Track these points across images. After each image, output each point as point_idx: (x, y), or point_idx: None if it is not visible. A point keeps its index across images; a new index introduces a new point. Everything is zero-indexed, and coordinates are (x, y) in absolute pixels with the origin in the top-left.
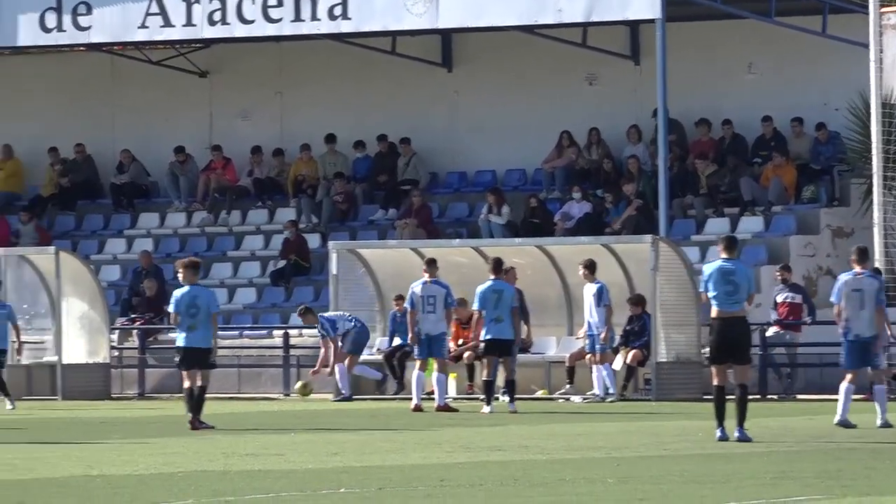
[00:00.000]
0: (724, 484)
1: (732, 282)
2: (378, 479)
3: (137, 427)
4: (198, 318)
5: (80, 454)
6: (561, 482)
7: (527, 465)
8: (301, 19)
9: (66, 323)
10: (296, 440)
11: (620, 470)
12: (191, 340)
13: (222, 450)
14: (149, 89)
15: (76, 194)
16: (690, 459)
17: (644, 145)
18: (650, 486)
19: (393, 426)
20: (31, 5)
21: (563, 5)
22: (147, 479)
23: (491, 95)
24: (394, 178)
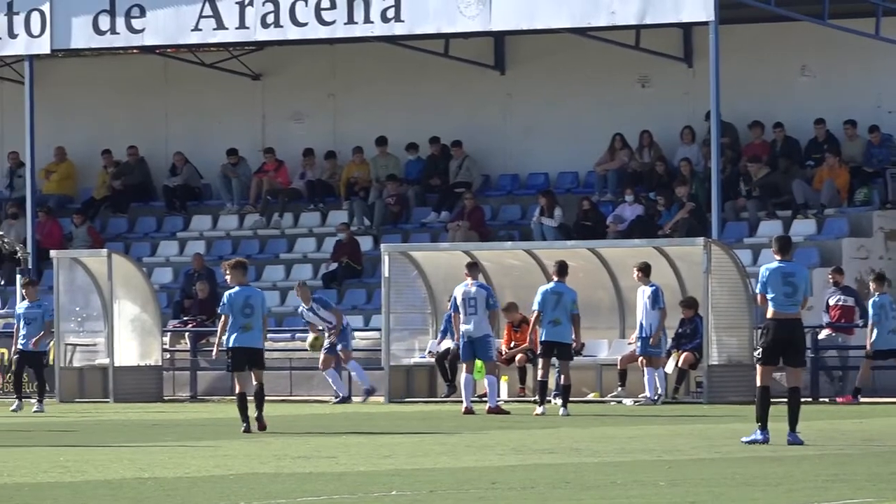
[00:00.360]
0: (775, 487)
1: (792, 283)
2: (429, 481)
3: (189, 429)
4: (252, 317)
5: (131, 457)
6: (612, 485)
7: (578, 468)
8: (354, 21)
9: (119, 325)
10: (347, 442)
11: (672, 473)
12: (244, 340)
13: (274, 452)
14: (202, 91)
15: (129, 197)
16: (742, 462)
17: (696, 147)
18: (702, 489)
19: (444, 429)
20: (84, 8)
21: (617, 7)
22: (199, 482)
23: (543, 98)
24: (446, 181)
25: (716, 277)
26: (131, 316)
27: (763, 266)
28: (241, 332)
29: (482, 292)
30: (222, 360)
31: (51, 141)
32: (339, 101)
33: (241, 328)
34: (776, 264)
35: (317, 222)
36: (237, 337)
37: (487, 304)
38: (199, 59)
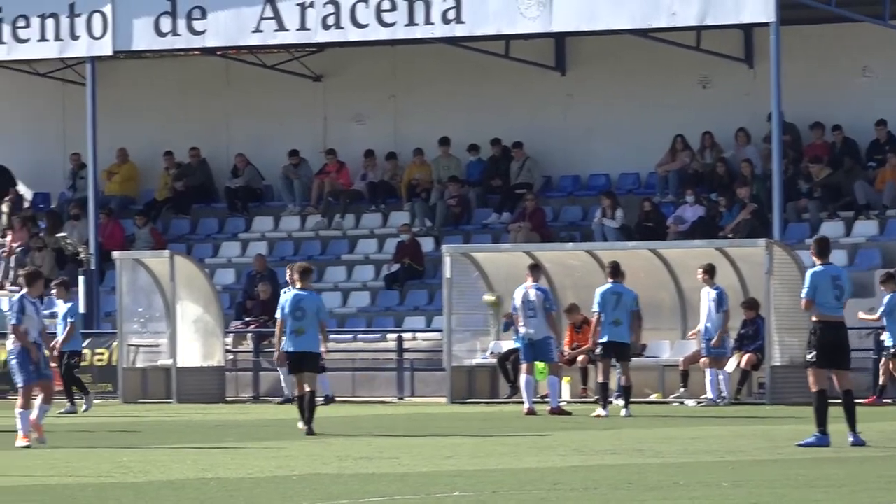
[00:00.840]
0: (838, 488)
1: (840, 286)
2: (491, 482)
3: (251, 430)
4: (304, 321)
5: (194, 457)
6: (675, 486)
7: (641, 469)
8: (415, 23)
9: (181, 326)
10: (409, 443)
11: (735, 474)
12: (298, 344)
13: (336, 453)
14: (263, 93)
15: (191, 198)
16: (804, 463)
17: (755, 148)
18: (764, 490)
19: (506, 430)
20: (146, 9)
21: (677, 9)
22: (261, 482)
23: (604, 99)
24: (507, 182)
25: (777, 278)
26: (194, 317)
27: (809, 270)
28: (295, 336)
29: (540, 295)
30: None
31: (113, 142)
32: (400, 102)
33: (293, 332)
34: (821, 267)
35: (378, 223)
36: (289, 341)
37: (545, 307)
38: (261, 60)
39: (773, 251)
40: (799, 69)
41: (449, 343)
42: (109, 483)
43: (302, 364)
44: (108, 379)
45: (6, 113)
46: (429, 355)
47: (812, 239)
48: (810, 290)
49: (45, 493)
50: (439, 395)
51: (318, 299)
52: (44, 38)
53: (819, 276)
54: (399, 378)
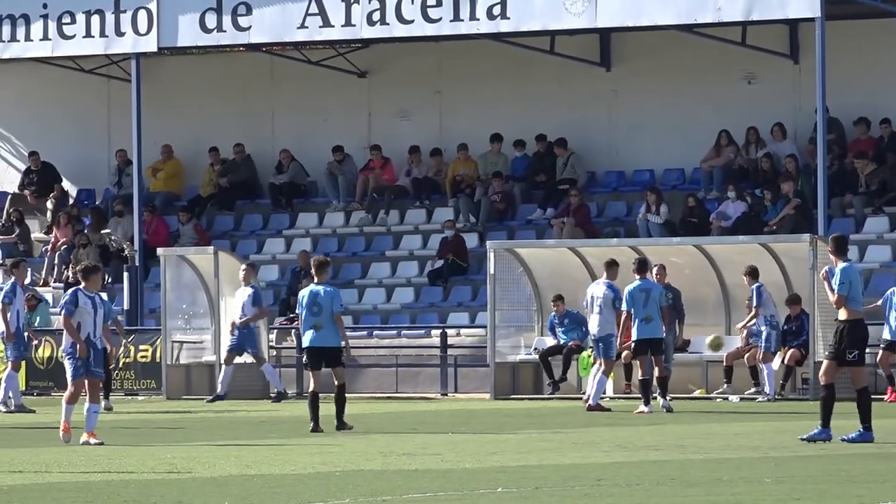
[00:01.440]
0: (881, 483)
1: (861, 283)
2: (535, 478)
3: (295, 426)
4: (321, 316)
5: (238, 454)
6: (718, 482)
7: (684, 465)
8: (460, 19)
9: (225, 323)
10: (453, 440)
11: (778, 469)
12: (316, 340)
13: (380, 449)
14: (308, 89)
15: (235, 194)
16: (847, 459)
17: (788, 144)
18: (807, 486)
19: (550, 426)
20: (191, 6)
21: (723, 4)
22: (305, 479)
23: (649, 94)
24: (552, 178)
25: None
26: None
27: (840, 267)
28: (314, 331)
29: (609, 293)
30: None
31: (158, 139)
32: (445, 98)
33: (312, 327)
34: (848, 264)
35: (423, 219)
36: (309, 337)
37: (614, 305)
38: (306, 56)
39: (817, 247)
40: (844, 64)
41: (493, 339)
42: (153, 480)
43: (323, 359)
44: (151, 375)
45: (51, 109)
46: (472, 351)
47: (830, 237)
48: (845, 287)
49: (87, 489)
50: (483, 391)
51: (335, 293)
52: (89, 34)
53: (852, 272)
54: (443, 374)
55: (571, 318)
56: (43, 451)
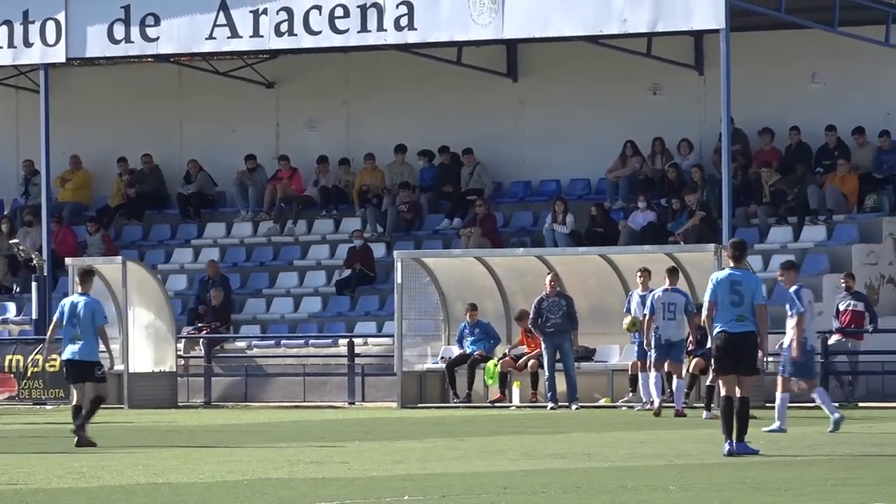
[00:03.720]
0: (784, 491)
1: (738, 292)
2: (441, 486)
3: (203, 435)
4: (79, 328)
5: (146, 462)
6: (623, 489)
7: (589, 473)
8: (367, 30)
9: (133, 332)
10: (360, 448)
11: (682, 477)
12: (72, 353)
13: (287, 458)
14: (216, 100)
15: (143, 204)
16: (751, 467)
17: (699, 154)
18: (712, 494)
19: (456, 434)
20: (99, 17)
21: (628, 15)
22: (213, 487)
23: (555, 105)
24: (459, 188)
25: None
26: (146, 323)
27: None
28: (71, 343)
29: (682, 298)
30: (230, 367)
31: (66, 149)
32: (353, 108)
33: (70, 339)
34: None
35: (330, 229)
36: (68, 350)
37: (686, 310)
38: (214, 67)
39: (722, 256)
40: (748, 75)
41: (400, 348)
42: (62, 488)
43: (79, 374)
44: (59, 385)
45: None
46: (380, 360)
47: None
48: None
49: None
50: (390, 399)
51: (96, 305)
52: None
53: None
54: (350, 383)
55: (482, 328)
56: None
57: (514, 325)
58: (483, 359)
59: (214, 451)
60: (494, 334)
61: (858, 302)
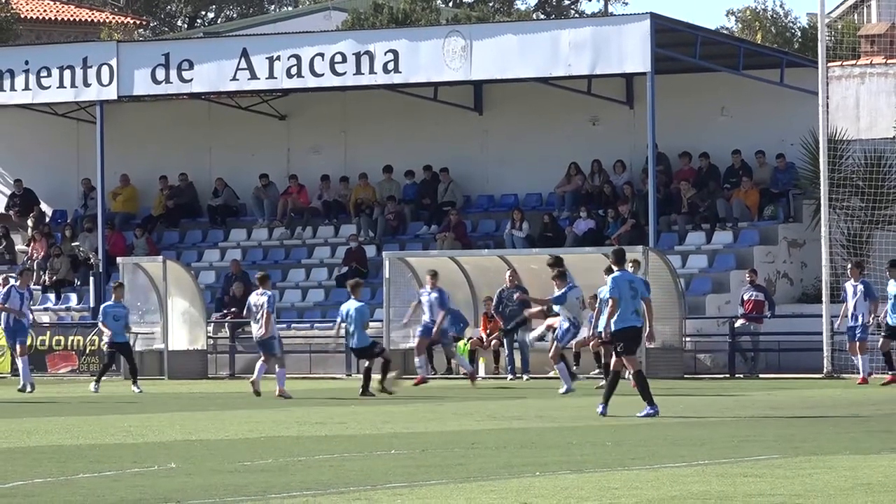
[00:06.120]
0: (700, 446)
1: (634, 288)
2: (421, 442)
3: (228, 401)
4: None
5: (182, 423)
6: (569, 445)
7: (542, 432)
8: (361, 73)
9: (172, 317)
10: (356, 411)
11: (616, 435)
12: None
13: (296, 419)
14: (238, 129)
15: (180, 214)
16: (673, 426)
17: (630, 173)
18: (640, 448)
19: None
20: (145, 62)
21: (572, 61)
22: (236, 443)
23: (513, 133)
24: (435, 200)
25: (652, 279)
26: (182, 310)
27: (612, 276)
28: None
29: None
30: (250, 345)
31: (117, 169)
32: (350, 136)
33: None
34: (619, 274)
35: (331, 234)
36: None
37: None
38: (236, 103)
39: (648, 256)
40: (670, 109)
41: (387, 330)
42: (113, 444)
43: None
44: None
45: (31, 145)
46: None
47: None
48: (615, 291)
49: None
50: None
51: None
52: (62, 85)
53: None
54: (347, 359)
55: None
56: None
57: (480, 309)
58: (456, 339)
59: (238, 414)
60: (464, 319)
61: (759, 293)
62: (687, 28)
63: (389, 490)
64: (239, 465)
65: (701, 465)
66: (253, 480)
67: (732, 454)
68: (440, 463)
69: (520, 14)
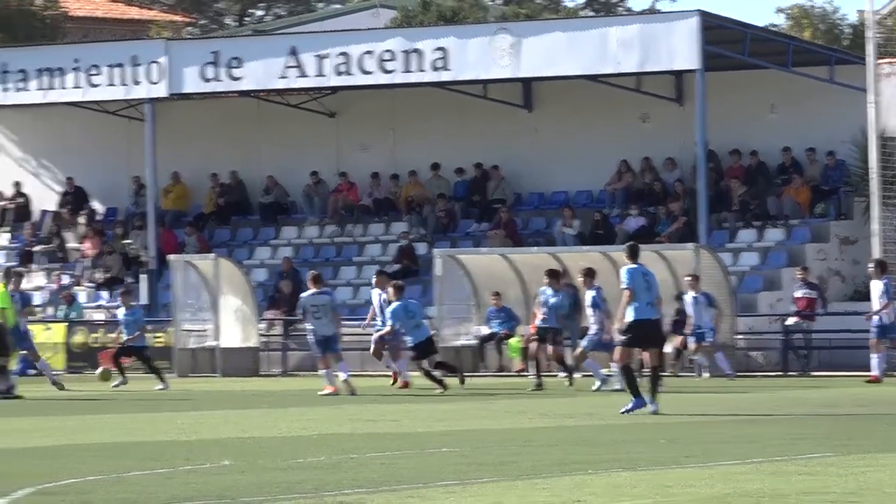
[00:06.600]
0: (753, 444)
1: (648, 281)
2: (474, 440)
3: (280, 398)
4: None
5: (235, 420)
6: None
7: (593, 430)
8: (410, 70)
9: (224, 315)
10: (408, 409)
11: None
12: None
13: (348, 416)
14: (288, 127)
15: (231, 211)
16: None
17: (680, 171)
18: (693, 446)
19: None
20: (194, 60)
21: (621, 58)
22: (288, 440)
23: (563, 130)
24: (486, 198)
25: (704, 275)
26: (234, 307)
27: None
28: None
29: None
30: (302, 342)
31: (168, 167)
32: (399, 134)
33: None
34: (635, 266)
35: (381, 232)
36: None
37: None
38: (286, 100)
39: (699, 253)
40: (720, 106)
41: (439, 327)
42: (166, 441)
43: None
44: (165, 357)
45: (83, 143)
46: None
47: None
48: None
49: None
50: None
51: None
52: (112, 83)
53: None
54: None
55: (506, 312)
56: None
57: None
58: (507, 336)
59: (289, 411)
60: (515, 317)
61: (812, 290)
62: (736, 25)
63: (442, 488)
64: (291, 462)
65: (754, 462)
66: (305, 478)
67: (786, 452)
68: (492, 461)
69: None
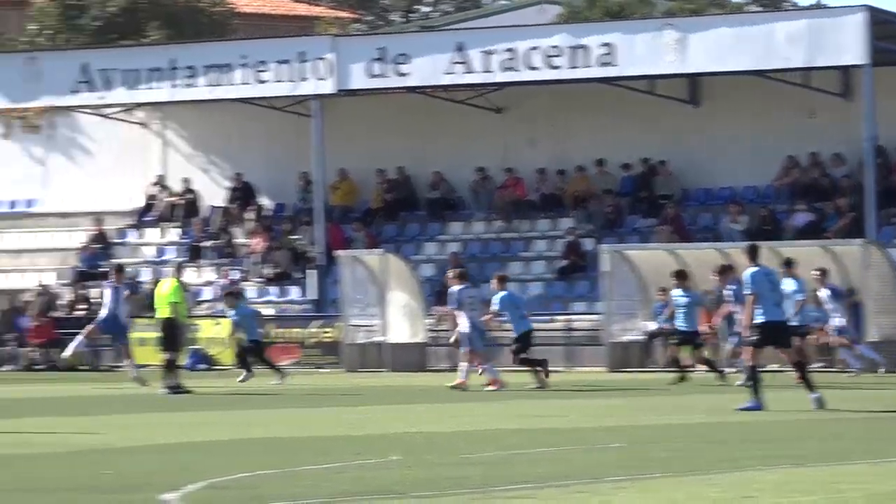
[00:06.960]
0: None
1: (773, 282)
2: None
3: (448, 394)
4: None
5: (403, 415)
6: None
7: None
8: (576, 66)
9: (392, 310)
10: (577, 404)
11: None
12: None
13: (516, 412)
14: (454, 122)
15: (398, 207)
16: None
17: (847, 166)
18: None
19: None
20: (362, 56)
21: (789, 54)
22: (455, 436)
23: (730, 126)
24: (653, 193)
25: (872, 271)
26: (402, 303)
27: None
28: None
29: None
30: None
31: (335, 163)
32: (565, 129)
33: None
34: (756, 269)
35: (549, 227)
36: None
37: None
38: (452, 96)
39: (868, 249)
40: (888, 102)
41: (608, 323)
42: (335, 436)
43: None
44: (333, 352)
45: (250, 140)
46: (590, 333)
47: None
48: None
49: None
50: (599, 365)
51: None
52: (279, 79)
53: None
54: (567, 351)
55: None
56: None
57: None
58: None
59: (456, 406)
60: None
61: None
62: None
63: (611, 483)
64: (459, 457)
65: None
66: (473, 473)
67: None
68: (661, 456)
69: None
